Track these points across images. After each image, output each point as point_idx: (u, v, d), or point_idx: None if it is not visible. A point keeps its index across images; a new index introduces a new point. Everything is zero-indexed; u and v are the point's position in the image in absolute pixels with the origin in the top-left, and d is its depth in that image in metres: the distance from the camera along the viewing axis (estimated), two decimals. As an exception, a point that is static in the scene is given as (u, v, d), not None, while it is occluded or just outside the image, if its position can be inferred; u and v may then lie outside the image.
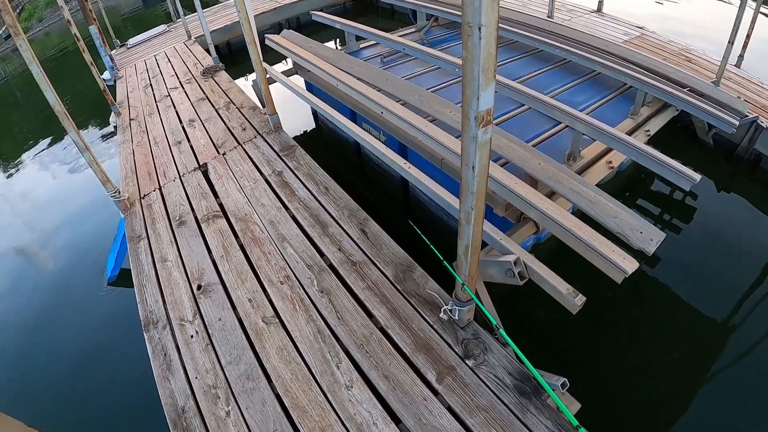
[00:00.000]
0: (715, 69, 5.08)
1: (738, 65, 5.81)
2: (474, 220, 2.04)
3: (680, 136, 5.42)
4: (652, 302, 3.81)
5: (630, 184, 4.95)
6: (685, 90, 4.18)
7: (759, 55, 6.84)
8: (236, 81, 6.55)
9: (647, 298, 3.84)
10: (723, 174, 5.13)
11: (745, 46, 5.61)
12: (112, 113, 6.23)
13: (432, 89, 4.75)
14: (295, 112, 6.73)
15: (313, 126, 6.72)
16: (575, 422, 1.98)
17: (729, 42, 4.74)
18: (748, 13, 4.85)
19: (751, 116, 4.59)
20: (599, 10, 8.10)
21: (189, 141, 5.12)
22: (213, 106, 5.79)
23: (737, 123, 3.84)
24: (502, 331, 2.39)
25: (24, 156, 8.23)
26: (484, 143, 1.76)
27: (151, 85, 6.94)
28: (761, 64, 6.68)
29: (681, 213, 4.66)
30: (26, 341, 4.33)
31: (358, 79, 4.30)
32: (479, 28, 1.47)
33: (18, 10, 18.13)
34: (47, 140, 8.50)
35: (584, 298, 2.46)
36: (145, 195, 4.36)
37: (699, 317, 3.67)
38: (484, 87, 1.61)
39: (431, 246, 2.96)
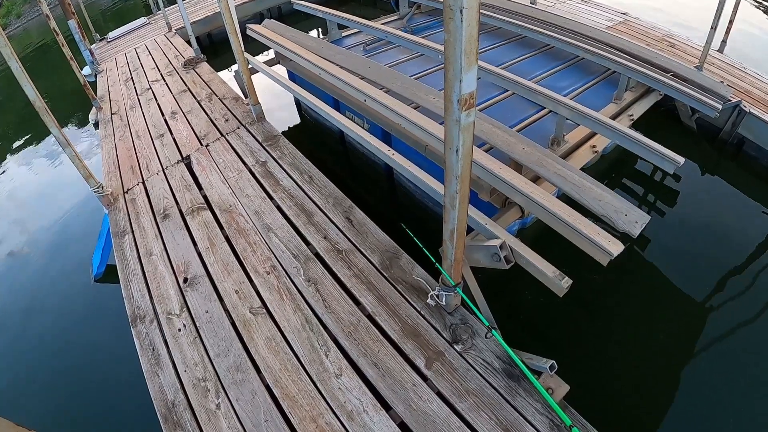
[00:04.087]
0: (698, 54, 5.10)
1: (721, 50, 5.84)
2: (459, 205, 2.04)
3: (664, 120, 5.45)
4: (637, 284, 3.86)
5: (614, 168, 4.98)
6: (668, 75, 4.19)
7: (742, 40, 6.91)
8: (218, 72, 6.45)
9: (633, 280, 3.88)
10: (706, 157, 5.17)
11: (727, 32, 5.64)
12: (93, 108, 6.13)
13: (415, 76, 4.73)
14: (278, 102, 6.67)
15: (297, 115, 6.65)
16: (569, 422, 2.01)
17: (712, 27, 4.76)
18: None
19: (733, 101, 4.63)
20: (582, -5, 8.09)
21: (171, 133, 5.05)
22: (195, 98, 5.71)
23: (720, 107, 3.87)
24: (494, 332, 2.40)
25: (4, 153, 8.07)
26: (467, 126, 1.75)
27: (132, 78, 6.82)
28: (744, 49, 6.75)
29: (665, 196, 4.70)
30: (13, 340, 4.27)
31: (341, 67, 4.27)
32: (461, 11, 1.46)
33: (-4, 6, 17.76)
34: (28, 137, 8.34)
35: (570, 281, 2.47)
36: (128, 189, 4.30)
37: (684, 298, 3.71)
38: (467, 69, 1.59)
39: (424, 249, 2.96)
